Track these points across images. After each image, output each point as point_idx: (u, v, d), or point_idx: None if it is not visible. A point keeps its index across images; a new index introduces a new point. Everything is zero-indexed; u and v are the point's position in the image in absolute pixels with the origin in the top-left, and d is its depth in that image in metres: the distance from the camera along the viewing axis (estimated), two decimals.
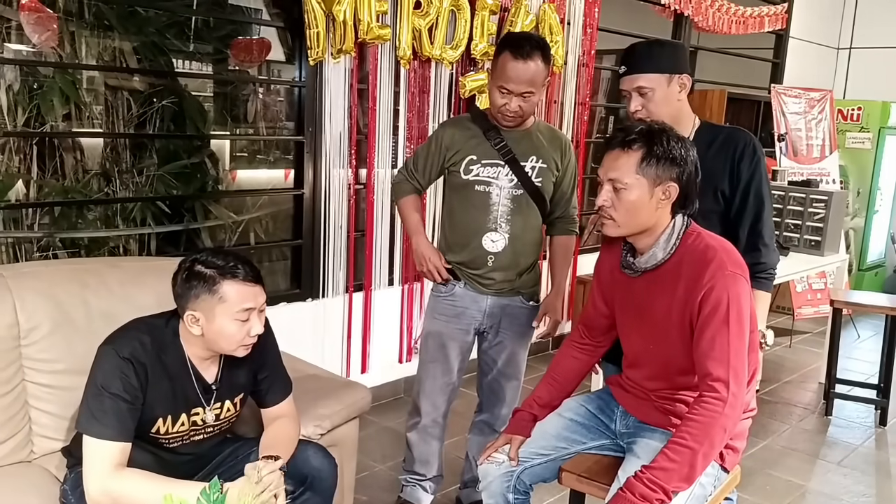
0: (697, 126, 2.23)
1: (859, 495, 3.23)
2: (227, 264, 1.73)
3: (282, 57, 3.64)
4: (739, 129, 2.27)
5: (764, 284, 2.19)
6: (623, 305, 1.98)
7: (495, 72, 2.37)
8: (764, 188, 2.17)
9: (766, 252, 2.17)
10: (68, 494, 1.79)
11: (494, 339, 2.62)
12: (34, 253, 3.11)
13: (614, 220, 1.83)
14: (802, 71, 6.56)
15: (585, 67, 4.49)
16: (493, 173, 2.46)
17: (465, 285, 2.55)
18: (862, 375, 4.65)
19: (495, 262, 2.50)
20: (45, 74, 3.15)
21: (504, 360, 2.64)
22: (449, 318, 2.58)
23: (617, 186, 1.80)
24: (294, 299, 3.47)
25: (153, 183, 3.43)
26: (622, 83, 2.20)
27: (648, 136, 1.78)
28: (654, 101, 2.14)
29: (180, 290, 1.75)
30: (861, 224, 6.40)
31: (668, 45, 2.24)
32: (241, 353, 1.80)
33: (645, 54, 2.17)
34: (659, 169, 1.77)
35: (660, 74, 2.13)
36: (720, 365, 1.71)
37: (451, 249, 2.57)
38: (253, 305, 1.75)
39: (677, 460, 1.68)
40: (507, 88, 2.33)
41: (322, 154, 3.41)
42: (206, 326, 1.74)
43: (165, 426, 1.80)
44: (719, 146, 2.18)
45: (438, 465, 2.76)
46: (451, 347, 2.60)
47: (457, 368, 2.64)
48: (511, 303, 2.57)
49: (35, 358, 2.02)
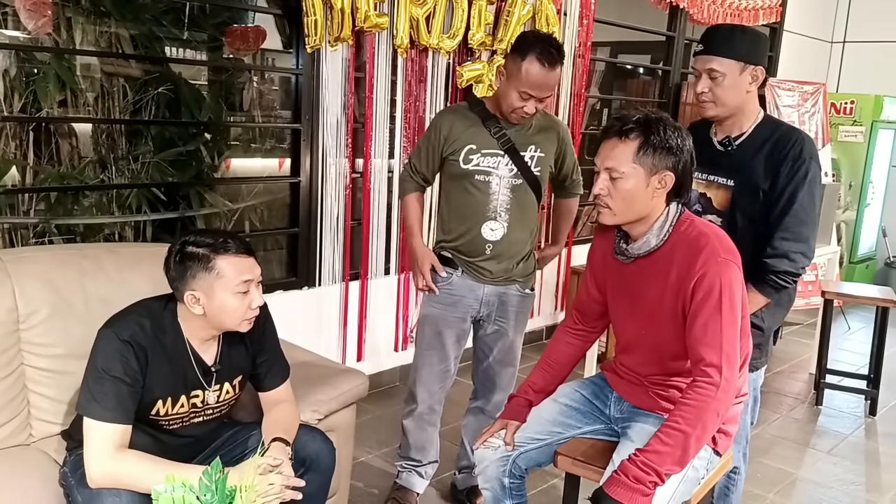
0: (760, 120, 2.20)
1: (849, 483, 3.27)
2: (217, 241, 1.76)
3: (278, 45, 3.64)
4: (796, 129, 2.21)
5: (760, 285, 2.15)
6: (615, 291, 1.99)
7: (518, 75, 2.32)
8: (799, 194, 2.10)
9: (771, 253, 2.12)
10: (68, 476, 1.80)
11: (491, 327, 2.64)
12: (30, 239, 3.11)
13: (610, 209, 1.84)
14: (796, 64, 6.59)
15: (581, 59, 4.50)
16: (493, 163, 2.47)
17: (462, 273, 2.57)
18: (852, 366, 4.69)
19: (493, 250, 2.52)
20: (41, 60, 3.14)
21: (500, 348, 2.66)
22: (446, 307, 2.60)
23: (613, 175, 1.81)
24: (290, 287, 3.48)
25: (149, 170, 3.43)
26: (696, 62, 2.17)
27: (646, 125, 1.79)
28: (723, 86, 2.12)
29: (175, 274, 1.76)
30: (853, 217, 6.44)
31: (750, 33, 2.18)
32: (245, 327, 1.82)
33: (725, 38, 2.13)
34: (655, 158, 1.78)
35: (735, 61, 2.11)
36: (713, 350, 1.74)
37: (449, 236, 2.59)
38: (251, 277, 1.77)
39: (670, 444, 1.70)
40: (530, 94, 2.32)
41: (319, 142, 3.41)
42: (208, 304, 1.75)
43: (165, 408, 1.82)
44: (772, 145, 2.15)
45: (434, 451, 2.79)
46: (448, 335, 2.62)
47: (453, 356, 2.66)
48: (507, 291, 2.60)
49: (33, 342, 2.03)
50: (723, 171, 2.20)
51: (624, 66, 6.04)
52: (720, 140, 2.23)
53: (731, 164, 2.20)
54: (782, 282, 2.15)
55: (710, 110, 2.17)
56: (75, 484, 1.76)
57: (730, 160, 2.20)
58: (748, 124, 2.19)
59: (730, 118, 2.20)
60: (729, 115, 2.18)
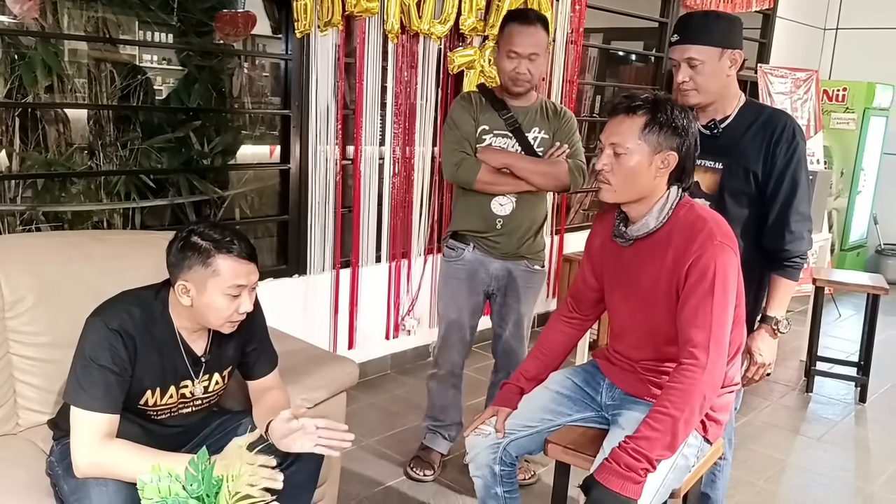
0: (742, 104, 2.20)
1: (838, 470, 3.28)
2: (223, 238, 1.73)
3: (268, 31, 3.60)
4: (781, 111, 2.24)
5: (787, 272, 2.18)
6: (612, 275, 1.99)
7: (503, 41, 2.58)
8: (800, 174, 2.13)
9: (790, 239, 2.13)
10: (55, 466, 1.79)
11: (504, 301, 2.81)
12: (17, 226, 3.08)
13: (611, 185, 1.83)
14: (789, 51, 6.58)
15: (574, 45, 4.48)
16: (503, 143, 2.67)
17: (473, 248, 2.74)
18: (842, 353, 4.71)
19: (503, 225, 2.69)
20: (27, 45, 3.10)
21: (513, 322, 2.83)
22: (460, 281, 2.79)
23: (618, 151, 1.80)
24: (281, 275, 3.46)
25: (137, 156, 3.40)
26: (672, 52, 2.16)
27: (654, 104, 1.79)
28: (703, 74, 2.11)
29: (174, 259, 1.75)
30: (844, 204, 6.45)
31: (725, 18, 2.17)
32: (227, 329, 1.80)
33: (700, 25, 2.12)
34: (661, 136, 1.78)
35: (712, 48, 2.09)
36: (701, 332, 1.73)
37: (462, 217, 2.76)
38: (245, 283, 1.75)
39: (659, 429, 1.70)
40: (516, 52, 2.54)
41: (309, 129, 3.38)
42: (196, 298, 1.73)
43: (154, 398, 1.80)
44: (759, 127, 2.15)
45: (457, 413, 2.97)
46: (464, 307, 2.81)
47: (468, 326, 2.85)
48: (516, 267, 2.76)
49: (20, 331, 2.02)
50: (710, 155, 2.20)
51: (616, 53, 6.02)
52: (705, 124, 2.22)
53: (719, 147, 2.19)
54: (803, 261, 2.19)
55: (693, 98, 2.17)
56: (62, 473, 1.74)
57: (717, 143, 2.20)
58: (731, 107, 2.19)
59: (712, 104, 2.20)
60: (712, 101, 2.18)
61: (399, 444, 3.21)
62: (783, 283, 2.18)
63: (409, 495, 2.84)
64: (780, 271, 2.18)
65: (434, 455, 2.99)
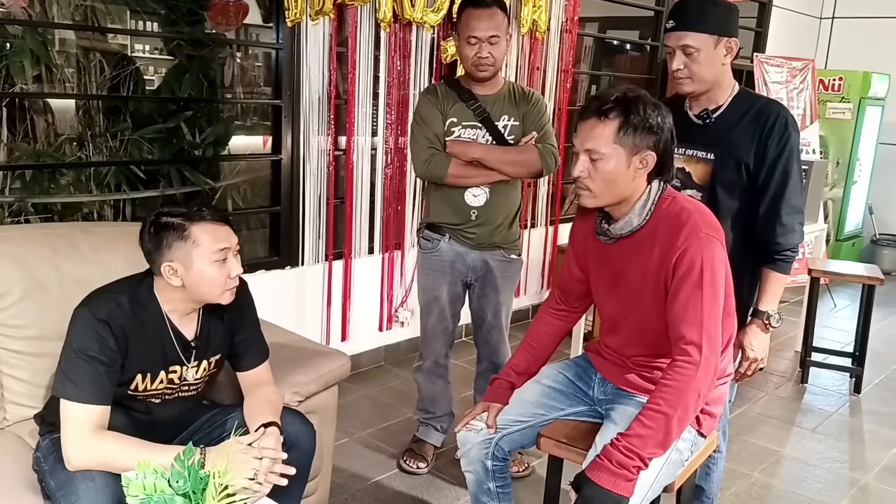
0: (735, 93, 2.18)
1: (833, 461, 3.28)
2: (191, 210, 1.74)
3: (259, 20, 3.56)
4: (774, 101, 2.21)
5: (779, 265, 2.15)
6: (598, 272, 1.97)
7: (461, 28, 2.55)
8: (792, 166, 2.10)
9: (781, 231, 2.11)
10: (41, 461, 1.76)
11: (482, 291, 2.80)
12: (5, 218, 3.05)
13: (591, 191, 1.81)
14: (785, 40, 6.55)
15: (568, 34, 4.44)
16: (473, 134, 2.63)
17: (448, 239, 2.72)
18: (837, 344, 4.71)
19: (478, 216, 2.67)
20: (14, 34, 3.05)
21: (492, 312, 2.81)
22: (437, 272, 2.77)
23: (593, 157, 1.77)
24: (272, 267, 3.44)
25: (127, 147, 3.36)
26: (667, 38, 2.13)
27: (625, 104, 1.75)
28: (699, 61, 2.08)
29: (151, 246, 1.73)
30: (840, 194, 6.44)
31: (721, 5, 2.13)
32: (227, 298, 1.79)
33: (697, 12, 2.09)
34: (636, 138, 1.75)
35: (708, 35, 2.07)
36: (693, 328, 1.71)
37: (436, 209, 2.73)
38: (227, 245, 1.75)
39: (652, 426, 1.68)
40: (475, 36, 2.51)
41: (300, 119, 3.35)
42: (186, 275, 1.72)
43: (144, 383, 1.79)
44: (751, 118, 2.12)
45: (446, 404, 2.97)
46: (443, 297, 2.79)
47: (450, 315, 2.84)
48: (492, 257, 2.74)
49: (6, 324, 1.99)
50: (702, 145, 2.18)
51: (612, 42, 5.98)
52: (697, 114, 2.20)
53: (711, 137, 2.17)
54: (794, 254, 2.16)
55: (688, 86, 2.14)
56: (48, 469, 1.72)
57: (709, 133, 2.17)
58: (724, 97, 2.17)
59: (706, 92, 2.17)
60: (706, 89, 2.16)
61: (392, 436, 3.19)
62: (774, 277, 2.16)
63: (402, 488, 2.83)
64: (771, 265, 2.15)
65: (427, 447, 2.98)
